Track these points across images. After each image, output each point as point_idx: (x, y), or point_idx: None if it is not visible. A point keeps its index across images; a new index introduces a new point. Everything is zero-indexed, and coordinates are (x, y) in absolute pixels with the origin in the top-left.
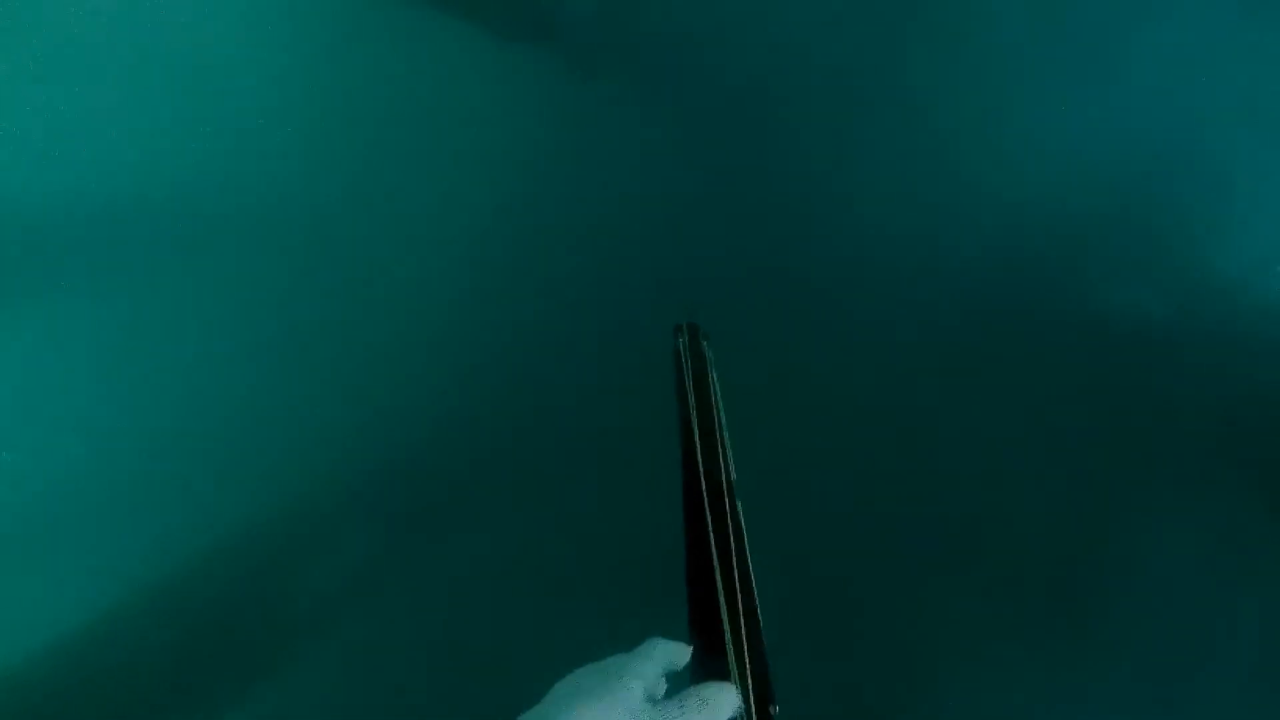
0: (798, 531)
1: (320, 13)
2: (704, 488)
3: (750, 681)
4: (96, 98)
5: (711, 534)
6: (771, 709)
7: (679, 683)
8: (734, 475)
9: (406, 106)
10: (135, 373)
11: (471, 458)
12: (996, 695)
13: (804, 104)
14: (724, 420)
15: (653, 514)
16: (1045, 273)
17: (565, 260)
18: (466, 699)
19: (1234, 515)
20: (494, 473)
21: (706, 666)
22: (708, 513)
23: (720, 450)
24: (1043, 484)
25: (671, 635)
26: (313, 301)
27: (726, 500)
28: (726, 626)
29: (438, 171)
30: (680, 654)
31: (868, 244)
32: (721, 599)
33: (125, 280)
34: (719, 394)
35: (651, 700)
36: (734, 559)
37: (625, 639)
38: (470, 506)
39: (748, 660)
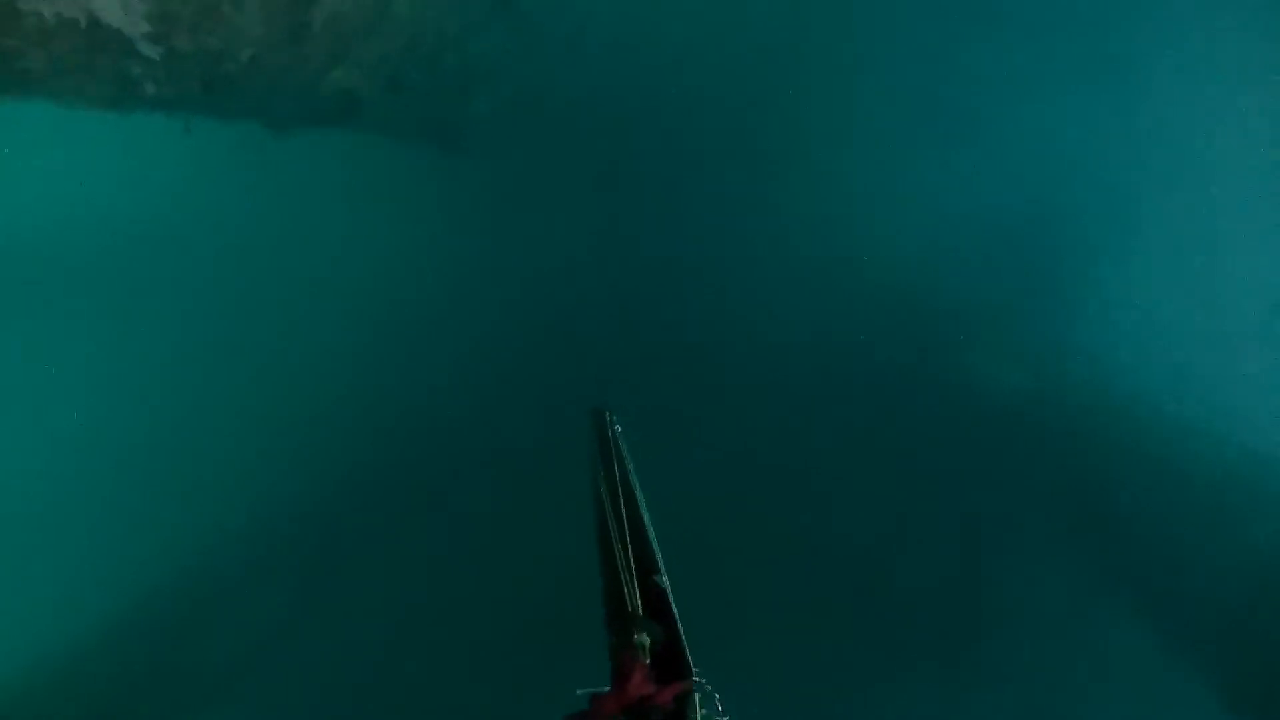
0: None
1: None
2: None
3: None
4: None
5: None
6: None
7: None
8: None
9: (332, 209)
10: (44, 422)
11: (383, 511)
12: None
13: (698, 186)
14: (639, 494)
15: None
16: (922, 346)
17: (470, 329)
18: None
19: (1079, 572)
20: (405, 527)
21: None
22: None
23: (636, 513)
24: (918, 540)
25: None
26: (229, 367)
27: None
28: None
29: (353, 256)
30: None
31: (757, 321)
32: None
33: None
34: (632, 472)
35: None
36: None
37: (534, 687)
38: (381, 559)
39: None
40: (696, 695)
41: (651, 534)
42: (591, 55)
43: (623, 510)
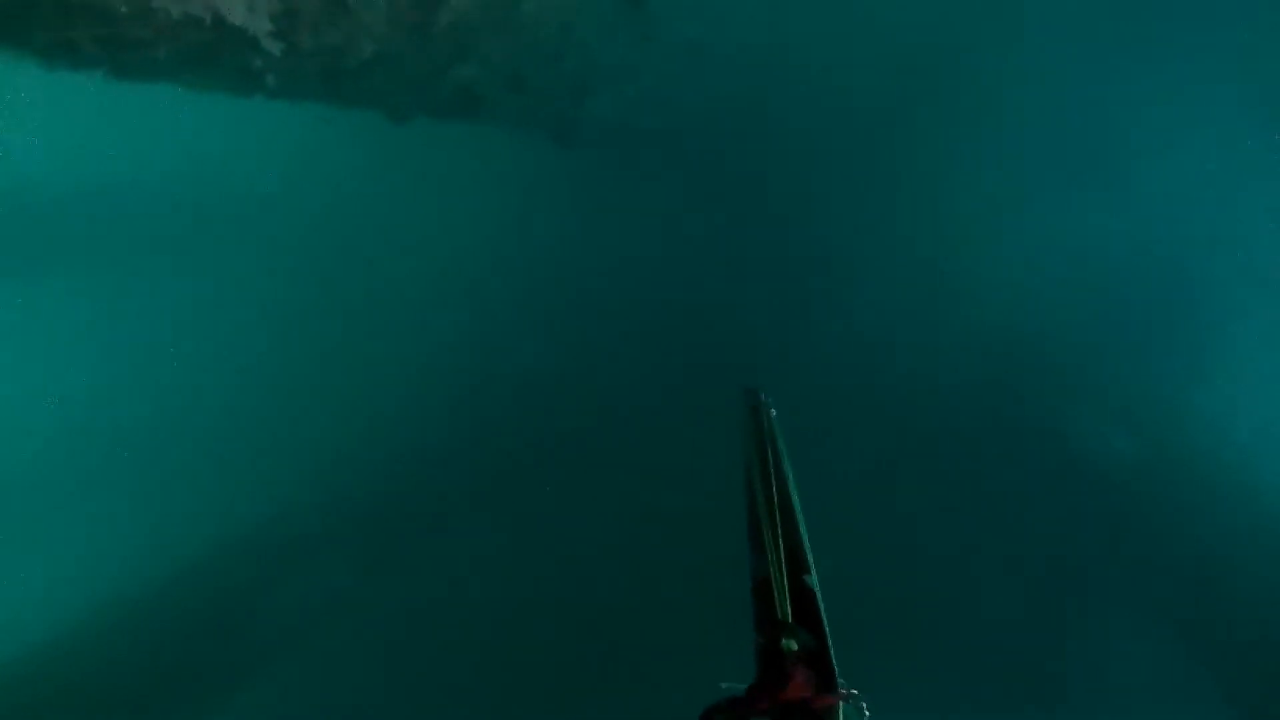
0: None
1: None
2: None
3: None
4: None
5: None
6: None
7: None
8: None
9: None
10: (115, 368)
11: (461, 483)
12: None
13: (819, 204)
14: (792, 483)
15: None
16: (1033, 402)
17: (581, 319)
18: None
19: (1171, 651)
20: (479, 499)
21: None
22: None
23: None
24: (1012, 592)
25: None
26: (322, 321)
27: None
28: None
29: (472, 245)
30: None
31: (869, 358)
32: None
33: (117, 273)
34: (786, 458)
35: None
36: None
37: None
38: (451, 533)
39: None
40: (842, 706)
41: (803, 527)
42: (718, 61)
43: (775, 501)
